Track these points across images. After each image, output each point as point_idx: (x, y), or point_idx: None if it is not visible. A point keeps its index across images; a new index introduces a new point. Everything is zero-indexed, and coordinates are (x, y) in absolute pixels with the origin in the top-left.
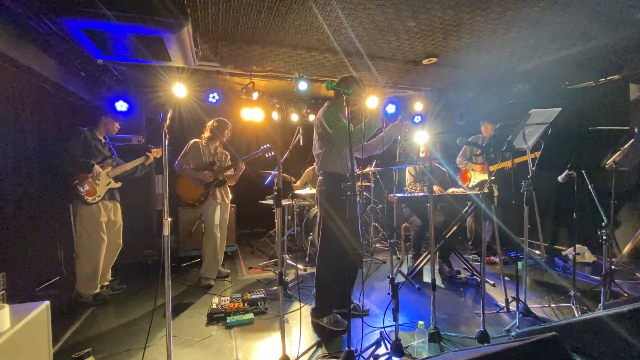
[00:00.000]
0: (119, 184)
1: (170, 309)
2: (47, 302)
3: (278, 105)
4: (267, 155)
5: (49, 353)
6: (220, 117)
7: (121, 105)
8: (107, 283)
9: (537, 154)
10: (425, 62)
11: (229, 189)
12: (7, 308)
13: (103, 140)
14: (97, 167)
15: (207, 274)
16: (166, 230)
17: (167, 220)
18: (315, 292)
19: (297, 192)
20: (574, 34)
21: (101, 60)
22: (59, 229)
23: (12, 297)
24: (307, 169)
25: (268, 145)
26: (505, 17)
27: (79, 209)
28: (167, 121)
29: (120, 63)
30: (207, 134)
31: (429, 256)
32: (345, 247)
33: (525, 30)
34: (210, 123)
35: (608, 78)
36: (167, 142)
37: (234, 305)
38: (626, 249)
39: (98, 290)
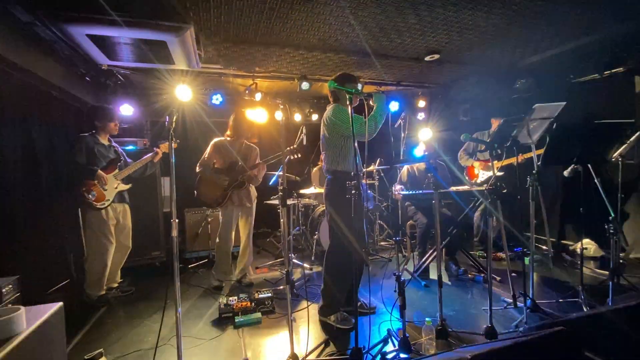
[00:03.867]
0: (128, 186)
1: (180, 309)
2: (61, 304)
3: (282, 106)
4: (292, 158)
5: (64, 353)
6: (236, 114)
7: (126, 109)
8: (116, 285)
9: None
10: (427, 58)
11: (251, 192)
12: (22, 310)
13: (107, 144)
14: (100, 173)
15: (217, 275)
16: (174, 232)
17: (175, 222)
18: (322, 290)
19: (302, 191)
20: (577, 27)
21: (106, 65)
22: (68, 233)
23: (24, 300)
24: (314, 170)
25: (294, 146)
26: (508, 12)
27: (88, 213)
28: (173, 124)
29: (124, 67)
30: (230, 132)
31: (435, 253)
32: (350, 245)
33: (529, 24)
34: (231, 119)
35: (613, 71)
36: (173, 144)
37: (241, 305)
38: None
39: (104, 292)
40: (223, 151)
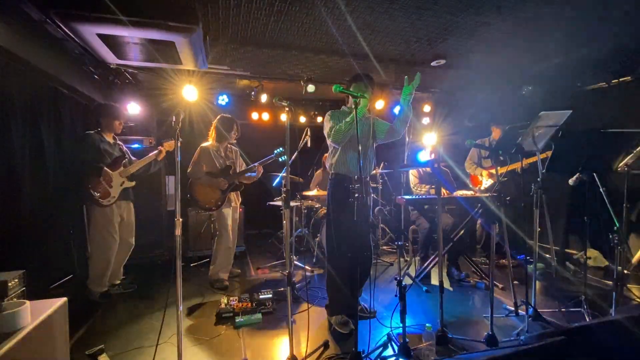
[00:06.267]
0: (132, 183)
1: (181, 307)
2: (65, 299)
3: (287, 108)
4: (280, 160)
5: (67, 348)
6: (218, 120)
7: (133, 108)
8: (118, 282)
9: (549, 153)
10: (433, 63)
11: (239, 192)
12: (27, 304)
13: (112, 141)
14: (106, 170)
15: (218, 275)
16: (178, 230)
17: (179, 220)
18: (326, 290)
19: (305, 193)
20: (585, 35)
21: (114, 64)
22: (73, 229)
23: (28, 295)
24: (317, 172)
25: (282, 149)
26: (515, 19)
27: (92, 210)
28: (180, 124)
29: (133, 66)
30: (213, 134)
31: (437, 259)
32: (350, 248)
33: (536, 32)
34: (214, 123)
35: (620, 79)
36: (179, 144)
37: (242, 305)
38: (636, 257)
39: (106, 289)
40: (212, 156)
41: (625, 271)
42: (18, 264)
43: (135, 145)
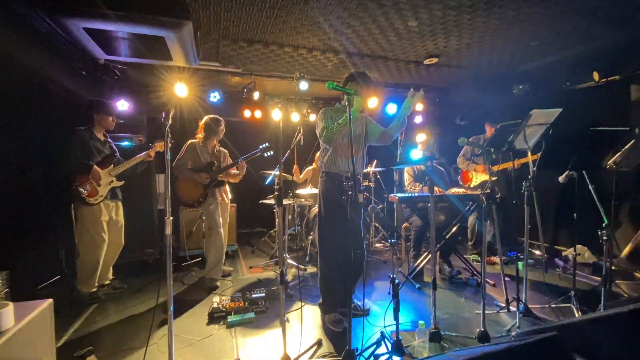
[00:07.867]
0: (121, 182)
1: (172, 307)
2: (50, 300)
3: (279, 105)
4: (265, 155)
5: (53, 350)
6: (217, 115)
7: (122, 105)
8: (108, 282)
9: (538, 155)
10: (426, 62)
11: (228, 189)
12: (10, 306)
13: (103, 139)
14: (96, 168)
15: (211, 274)
16: (168, 229)
17: (170, 219)
18: (319, 288)
19: (298, 191)
20: (575, 35)
21: (103, 60)
22: (60, 228)
23: (13, 296)
24: (308, 168)
25: (267, 144)
26: (506, 18)
27: (80, 208)
28: (170, 121)
29: (122, 62)
30: (200, 133)
31: (430, 256)
32: (342, 246)
33: (527, 31)
34: (202, 122)
35: (609, 79)
36: (169, 141)
37: (234, 305)
38: (625, 251)
39: (95, 289)
40: (197, 152)
41: (614, 267)
42: (3, 264)
43: (125, 143)
